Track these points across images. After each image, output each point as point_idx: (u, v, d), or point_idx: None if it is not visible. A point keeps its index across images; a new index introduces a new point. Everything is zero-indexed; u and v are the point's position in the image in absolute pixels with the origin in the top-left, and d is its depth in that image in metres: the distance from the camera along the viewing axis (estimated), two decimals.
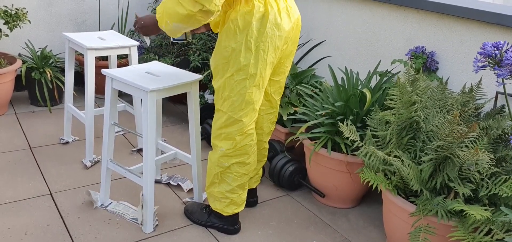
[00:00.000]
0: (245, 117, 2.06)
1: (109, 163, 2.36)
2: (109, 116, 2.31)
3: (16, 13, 3.28)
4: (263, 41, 1.96)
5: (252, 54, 1.96)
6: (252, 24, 1.94)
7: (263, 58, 1.98)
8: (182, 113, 3.71)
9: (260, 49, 1.96)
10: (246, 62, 1.97)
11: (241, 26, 1.94)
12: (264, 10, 1.95)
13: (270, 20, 1.95)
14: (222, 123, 2.09)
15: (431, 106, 2.22)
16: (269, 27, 1.96)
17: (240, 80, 2.00)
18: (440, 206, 1.92)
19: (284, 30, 2.01)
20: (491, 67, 1.73)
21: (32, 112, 3.50)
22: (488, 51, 1.71)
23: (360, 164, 2.38)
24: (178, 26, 1.92)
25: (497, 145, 2.07)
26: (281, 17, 1.99)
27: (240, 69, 1.98)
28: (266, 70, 2.03)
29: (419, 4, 2.62)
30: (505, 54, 1.66)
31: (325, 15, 3.28)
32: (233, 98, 2.03)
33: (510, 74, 1.66)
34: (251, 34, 1.94)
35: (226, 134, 2.09)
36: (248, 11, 1.94)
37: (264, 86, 2.08)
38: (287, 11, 2.03)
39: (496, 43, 1.72)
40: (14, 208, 2.33)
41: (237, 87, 2.01)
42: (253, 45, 1.95)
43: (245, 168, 2.16)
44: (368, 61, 3.00)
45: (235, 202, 2.21)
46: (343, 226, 2.45)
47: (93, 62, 2.71)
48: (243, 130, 2.08)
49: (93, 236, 2.18)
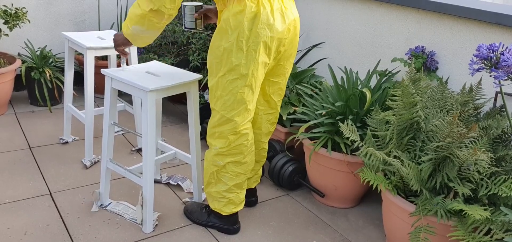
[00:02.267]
0: (237, 117, 2.06)
1: (108, 163, 2.36)
2: (109, 116, 2.31)
3: (16, 13, 3.28)
4: (254, 41, 1.95)
5: (244, 54, 1.96)
6: (244, 24, 1.93)
7: (255, 58, 1.97)
8: (181, 113, 3.71)
9: (251, 50, 1.96)
10: (237, 62, 1.97)
11: (233, 25, 1.94)
12: (256, 10, 1.94)
13: (262, 20, 1.94)
14: (215, 122, 2.10)
15: (431, 106, 2.22)
16: (261, 27, 1.94)
17: (232, 80, 2.00)
18: (439, 205, 1.92)
19: (276, 31, 1.99)
20: (487, 70, 1.73)
21: (31, 112, 3.50)
22: (483, 54, 1.71)
23: (361, 164, 2.38)
24: (135, 29, 2.04)
25: (496, 145, 2.07)
26: (274, 18, 1.97)
27: (232, 69, 1.98)
28: (258, 71, 2.02)
29: (419, 4, 2.62)
30: (502, 56, 1.66)
31: (325, 15, 3.28)
32: (225, 98, 2.03)
33: (507, 76, 1.65)
34: (242, 34, 1.94)
35: (219, 132, 2.10)
36: (240, 11, 1.93)
37: (258, 86, 2.07)
38: (281, 12, 2.01)
39: (492, 45, 1.71)
40: (13, 208, 2.33)
41: (229, 86, 2.01)
42: (244, 45, 1.95)
43: (242, 167, 2.16)
44: (368, 61, 3.00)
45: (233, 202, 2.21)
46: (343, 226, 2.46)
47: (92, 62, 2.71)
48: (236, 129, 2.07)
49: (93, 236, 2.18)
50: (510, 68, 1.62)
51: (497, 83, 1.68)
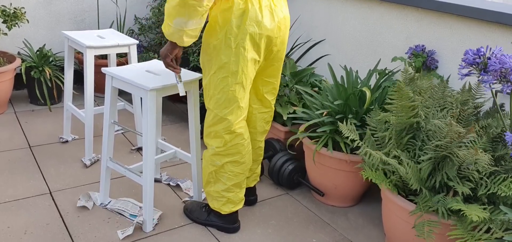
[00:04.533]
0: (230, 116, 2.05)
1: (108, 162, 2.36)
2: (109, 115, 2.31)
3: (14, 13, 3.28)
4: (242, 38, 1.94)
5: (233, 51, 1.95)
6: (232, 21, 1.92)
7: (244, 55, 1.96)
8: (181, 112, 3.71)
9: (240, 47, 1.95)
10: (226, 60, 1.96)
11: (221, 23, 1.93)
12: (244, 7, 1.92)
13: (250, 16, 1.93)
14: (210, 121, 2.10)
15: (432, 106, 2.22)
16: (249, 24, 1.93)
17: (222, 78, 1.99)
18: (440, 203, 1.92)
19: (265, 28, 1.97)
20: (476, 74, 1.73)
21: (31, 111, 3.50)
22: (469, 59, 1.71)
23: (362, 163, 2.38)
24: (177, 23, 1.85)
25: (496, 144, 2.07)
26: (263, 15, 1.96)
27: (222, 66, 1.98)
28: (248, 68, 2.00)
29: (418, 3, 2.62)
30: (489, 61, 1.66)
31: (325, 14, 3.28)
32: (217, 96, 2.03)
33: (496, 80, 1.66)
34: (230, 31, 1.93)
35: (214, 132, 2.10)
36: (227, 8, 1.92)
37: (249, 84, 2.06)
38: (270, 9, 1.99)
39: (478, 50, 1.71)
40: (13, 207, 2.33)
41: (220, 84, 2.01)
42: (232, 42, 1.94)
43: (240, 167, 2.16)
44: (368, 60, 3.00)
45: (232, 201, 2.21)
46: (343, 225, 2.46)
47: (92, 60, 2.71)
48: (230, 128, 2.07)
49: (93, 235, 2.18)
50: (497, 72, 1.63)
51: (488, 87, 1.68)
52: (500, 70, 1.62)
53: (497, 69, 1.62)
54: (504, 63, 1.61)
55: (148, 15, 4.06)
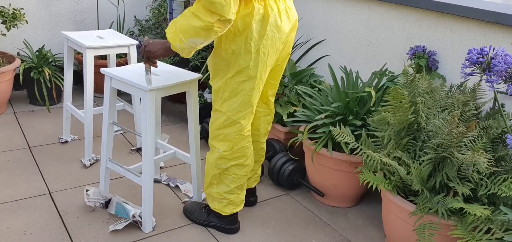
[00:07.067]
0: (243, 119, 2.05)
1: (108, 162, 2.35)
2: (108, 116, 2.30)
3: (13, 14, 3.27)
4: (264, 44, 1.95)
5: (252, 56, 1.95)
6: (252, 26, 1.92)
7: (264, 60, 1.97)
8: (181, 112, 3.71)
9: (261, 52, 1.95)
10: (246, 65, 1.96)
11: (241, 28, 1.93)
12: (264, 12, 1.93)
13: (271, 22, 1.94)
14: (220, 124, 2.08)
15: (433, 106, 2.22)
16: (270, 30, 1.94)
17: (240, 81, 1.99)
18: (440, 204, 1.92)
19: (284, 32, 2.00)
20: (479, 74, 1.73)
21: (31, 111, 3.50)
22: (473, 58, 1.70)
23: (362, 163, 2.37)
24: (194, 41, 1.83)
25: (496, 144, 2.07)
26: (282, 19, 1.98)
27: (241, 71, 1.97)
28: (266, 73, 2.03)
29: (418, 3, 2.62)
30: (493, 61, 1.65)
31: (325, 14, 3.28)
32: (233, 99, 2.02)
33: (501, 80, 1.65)
34: (251, 36, 1.92)
35: (224, 135, 2.09)
36: (247, 13, 1.91)
37: (262, 88, 2.08)
38: (286, 13, 2.02)
39: (482, 50, 1.71)
40: (13, 208, 2.32)
41: (237, 88, 2.00)
42: (253, 47, 1.94)
43: (244, 170, 2.16)
44: (368, 60, 3.00)
45: (233, 202, 2.21)
46: (342, 225, 2.45)
47: (92, 61, 2.71)
48: (241, 132, 2.07)
49: (92, 235, 2.18)
50: (502, 72, 1.62)
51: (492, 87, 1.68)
52: (506, 70, 1.61)
53: (503, 70, 1.61)
54: (510, 64, 1.60)
55: (148, 16, 4.06)
